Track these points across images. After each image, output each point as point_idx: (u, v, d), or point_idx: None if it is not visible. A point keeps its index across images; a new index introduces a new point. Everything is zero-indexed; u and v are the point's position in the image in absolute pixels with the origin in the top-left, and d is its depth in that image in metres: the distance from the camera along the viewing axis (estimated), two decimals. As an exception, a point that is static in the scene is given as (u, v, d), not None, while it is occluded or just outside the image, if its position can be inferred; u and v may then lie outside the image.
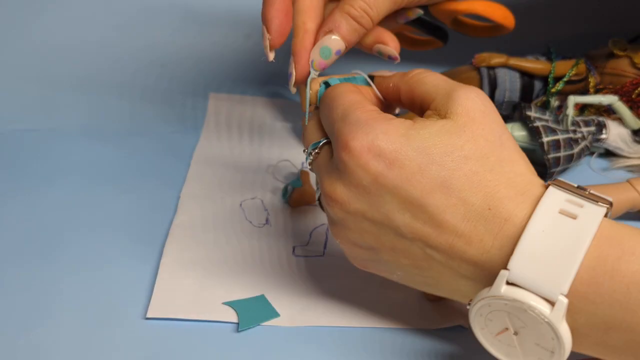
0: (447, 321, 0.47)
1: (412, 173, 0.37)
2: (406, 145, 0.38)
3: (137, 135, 0.71)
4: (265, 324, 0.47)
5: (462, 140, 0.38)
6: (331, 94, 0.43)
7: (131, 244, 0.55)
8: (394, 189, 0.38)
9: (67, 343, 0.45)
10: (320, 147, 0.43)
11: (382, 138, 0.38)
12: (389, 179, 0.38)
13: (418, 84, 0.42)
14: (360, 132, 0.38)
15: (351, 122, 0.39)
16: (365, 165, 0.38)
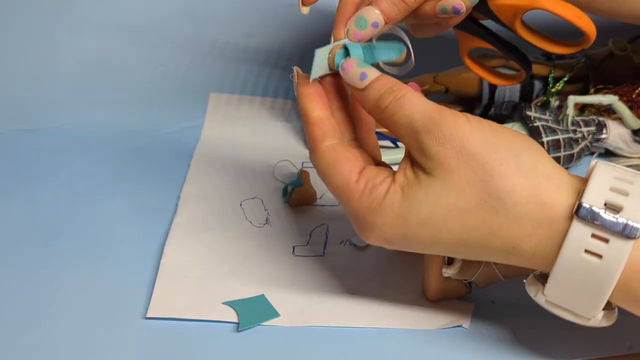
0: (447, 321, 0.47)
1: (430, 241, 0.39)
2: (411, 227, 0.39)
3: (137, 135, 0.71)
4: (265, 324, 0.47)
5: (452, 197, 0.38)
6: (320, 171, 0.43)
7: (131, 244, 0.55)
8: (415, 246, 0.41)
9: (67, 343, 0.45)
10: None
11: (386, 231, 0.40)
12: (411, 245, 0.41)
13: (393, 125, 0.41)
14: (364, 229, 0.41)
15: (351, 215, 0.42)
16: (385, 245, 0.41)
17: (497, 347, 0.46)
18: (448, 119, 0.38)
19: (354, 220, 0.42)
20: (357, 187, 0.40)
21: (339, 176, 0.41)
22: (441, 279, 0.47)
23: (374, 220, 0.40)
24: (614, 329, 0.47)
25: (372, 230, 0.40)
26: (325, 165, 0.42)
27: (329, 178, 0.42)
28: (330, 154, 0.42)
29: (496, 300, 0.49)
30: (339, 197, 0.42)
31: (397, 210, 0.39)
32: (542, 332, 0.47)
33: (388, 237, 0.40)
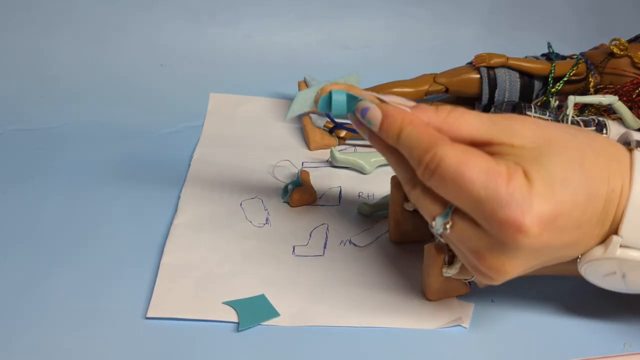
0: (447, 321, 0.47)
1: (571, 210, 0.38)
2: (555, 195, 0.38)
3: (137, 135, 0.71)
4: (265, 323, 0.47)
5: (565, 154, 0.39)
6: (451, 168, 0.38)
7: (131, 244, 0.55)
8: (562, 235, 0.39)
9: (67, 343, 0.45)
10: (451, 216, 0.40)
11: (541, 205, 0.37)
12: (557, 232, 0.38)
13: (462, 124, 0.40)
14: (524, 213, 0.37)
15: (505, 202, 0.37)
16: (539, 237, 0.37)
17: (496, 346, 0.46)
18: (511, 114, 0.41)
19: (506, 208, 0.37)
20: (502, 168, 0.38)
21: (480, 160, 0.38)
22: (441, 279, 0.47)
23: (531, 196, 0.37)
24: (610, 329, 0.47)
25: (531, 207, 0.37)
26: (461, 152, 0.38)
27: (469, 164, 0.38)
28: (459, 145, 0.39)
29: (496, 300, 0.49)
30: (483, 184, 0.37)
31: (541, 181, 0.37)
32: (541, 331, 0.47)
33: (545, 214, 0.37)
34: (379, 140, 0.43)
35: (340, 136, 0.70)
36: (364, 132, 0.44)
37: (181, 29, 0.79)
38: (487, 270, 0.40)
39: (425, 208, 0.41)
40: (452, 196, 0.39)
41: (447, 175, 0.38)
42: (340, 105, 0.44)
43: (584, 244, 0.41)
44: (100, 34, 0.78)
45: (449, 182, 0.38)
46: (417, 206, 0.42)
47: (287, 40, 0.81)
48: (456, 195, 0.38)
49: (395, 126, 0.41)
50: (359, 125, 0.44)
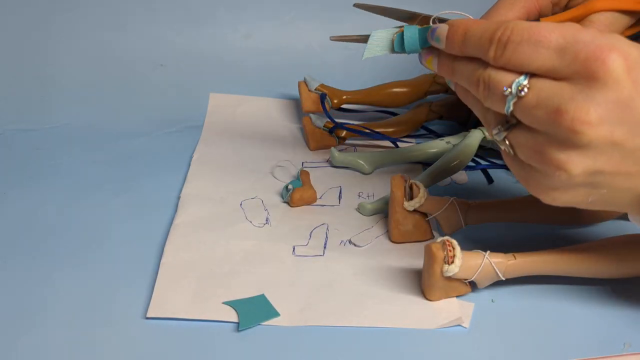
0: (447, 320, 0.47)
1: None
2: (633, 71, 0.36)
3: (137, 135, 0.71)
4: (265, 323, 0.47)
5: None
6: (525, 32, 0.37)
7: (131, 244, 0.55)
8: (632, 141, 0.37)
9: (67, 343, 0.45)
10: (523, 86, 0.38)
11: (627, 46, 0.36)
12: (627, 131, 0.36)
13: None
14: (608, 47, 0.36)
15: (587, 40, 0.36)
16: (624, 84, 0.36)
17: (496, 346, 0.46)
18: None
19: (591, 43, 0.36)
20: (575, 24, 0.37)
21: (551, 22, 0.38)
22: (441, 278, 0.47)
23: (612, 38, 0.36)
24: (610, 329, 0.47)
25: (613, 45, 0.36)
26: (530, 22, 0.38)
27: (541, 24, 0.37)
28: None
29: (496, 300, 0.49)
30: (561, 32, 0.37)
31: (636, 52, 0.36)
32: (541, 331, 0.47)
33: (632, 55, 0.35)
34: (447, 63, 0.42)
35: (340, 136, 0.70)
36: (434, 65, 0.43)
37: (181, 29, 0.79)
38: (550, 170, 0.38)
39: (494, 84, 0.39)
40: (529, 59, 0.38)
41: (521, 39, 0.37)
42: (413, 40, 0.44)
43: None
44: (100, 34, 0.78)
45: (524, 45, 0.37)
46: (485, 86, 0.40)
47: (287, 41, 0.81)
48: (533, 54, 0.37)
49: (461, 29, 0.40)
50: (429, 55, 0.44)
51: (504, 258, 0.47)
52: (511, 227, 0.56)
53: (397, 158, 0.66)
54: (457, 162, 0.60)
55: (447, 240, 0.47)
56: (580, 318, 0.48)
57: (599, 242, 0.49)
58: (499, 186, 0.63)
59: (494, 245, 0.48)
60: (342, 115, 0.74)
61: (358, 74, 0.78)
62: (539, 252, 0.48)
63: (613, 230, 0.54)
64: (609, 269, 0.48)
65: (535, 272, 0.48)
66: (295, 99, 0.77)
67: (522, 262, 0.48)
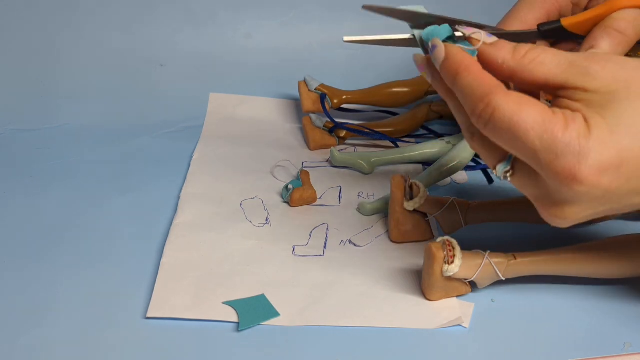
0: (447, 320, 0.47)
1: (638, 159, 0.36)
2: (619, 142, 0.36)
3: (137, 135, 0.71)
4: (265, 323, 0.47)
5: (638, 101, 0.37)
6: (505, 118, 0.37)
7: (131, 244, 0.55)
8: (630, 183, 0.37)
9: (67, 343, 0.45)
10: (511, 164, 0.40)
11: (602, 153, 0.36)
12: (622, 179, 0.37)
13: (536, 66, 0.39)
14: (580, 162, 0.36)
15: (560, 152, 0.36)
16: (598, 185, 0.36)
17: (496, 346, 0.46)
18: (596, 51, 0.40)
19: (562, 157, 0.36)
20: (557, 118, 0.36)
21: (535, 110, 0.37)
22: (441, 278, 0.47)
23: (588, 145, 0.36)
24: (610, 329, 0.47)
25: (588, 156, 0.36)
26: (514, 103, 0.37)
27: (522, 115, 0.37)
28: (514, 94, 0.38)
29: (496, 300, 0.49)
30: (538, 133, 0.36)
31: (606, 128, 0.36)
32: (541, 331, 0.47)
33: (605, 162, 0.36)
34: (442, 83, 0.42)
35: (340, 136, 0.70)
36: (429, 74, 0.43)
37: (181, 29, 0.79)
38: (549, 217, 0.40)
39: (486, 156, 0.41)
40: (508, 146, 0.38)
41: (501, 126, 0.37)
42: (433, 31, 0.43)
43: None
44: (100, 34, 0.78)
45: (503, 133, 0.37)
46: (478, 153, 0.42)
47: (287, 41, 0.81)
48: (512, 145, 0.38)
49: (453, 70, 0.40)
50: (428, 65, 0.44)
51: (504, 258, 0.47)
52: (511, 227, 0.56)
53: (397, 158, 0.66)
54: (457, 162, 0.60)
55: (447, 240, 0.47)
56: (581, 318, 0.48)
57: (599, 242, 0.49)
58: (499, 186, 0.63)
59: (494, 245, 0.48)
60: (342, 115, 0.74)
61: (358, 74, 0.78)
62: (539, 252, 0.48)
63: (613, 230, 0.54)
64: (609, 269, 0.48)
65: (535, 272, 0.48)
66: (295, 99, 0.77)
67: (522, 262, 0.47)
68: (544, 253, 0.48)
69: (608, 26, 0.45)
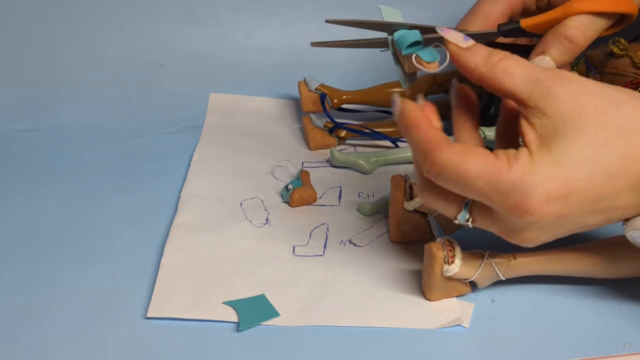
0: (447, 320, 0.47)
1: (586, 189, 0.39)
2: (565, 173, 0.38)
3: (137, 135, 0.71)
4: (265, 323, 0.47)
5: (592, 131, 0.38)
6: (452, 172, 0.39)
7: (131, 244, 0.55)
8: (580, 208, 0.39)
9: (67, 343, 0.45)
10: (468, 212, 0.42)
11: (547, 186, 0.38)
12: (572, 206, 0.39)
13: (505, 76, 0.40)
14: (528, 197, 0.38)
15: (508, 191, 0.38)
16: (549, 214, 0.39)
17: (497, 346, 0.46)
18: (562, 70, 0.41)
19: (510, 196, 0.38)
20: (501, 161, 0.39)
21: (478, 160, 0.39)
22: (441, 278, 0.47)
23: (533, 180, 0.38)
24: (610, 329, 0.47)
25: (535, 190, 0.38)
26: (458, 156, 0.39)
27: (466, 166, 0.39)
28: (457, 146, 0.40)
29: (496, 300, 0.49)
30: (484, 179, 0.39)
31: (551, 160, 0.38)
32: (541, 331, 0.47)
33: (551, 193, 0.38)
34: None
35: (340, 136, 0.70)
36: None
37: (181, 29, 0.79)
38: (517, 244, 0.42)
39: (443, 209, 0.43)
40: (462, 193, 0.40)
41: (450, 179, 0.40)
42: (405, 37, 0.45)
43: (617, 212, 0.40)
44: (100, 34, 0.78)
45: (454, 184, 0.40)
46: (435, 208, 0.43)
47: (287, 40, 0.81)
48: (465, 192, 0.40)
49: (405, 125, 0.42)
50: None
51: (504, 258, 0.47)
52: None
53: (397, 158, 0.66)
54: (457, 162, 0.60)
55: (447, 240, 0.47)
56: (581, 318, 0.48)
57: (599, 242, 0.49)
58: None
59: (494, 245, 0.48)
60: (342, 115, 0.74)
61: (358, 74, 0.78)
62: (539, 252, 0.48)
63: (613, 230, 0.54)
64: (609, 269, 0.48)
65: (535, 272, 0.48)
66: (295, 99, 0.77)
67: (522, 262, 0.48)
68: (544, 253, 0.48)
69: (560, 33, 0.47)
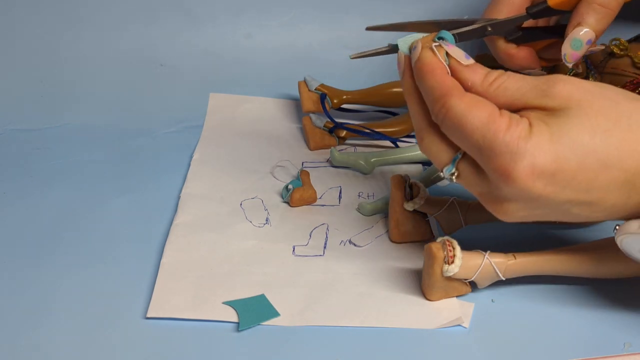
0: (447, 320, 0.47)
1: (576, 172, 0.39)
2: (557, 151, 0.38)
3: (137, 135, 0.71)
4: (265, 323, 0.47)
5: (592, 119, 0.39)
6: (455, 118, 0.40)
7: (131, 244, 0.55)
8: (566, 191, 0.39)
9: (67, 343, 0.45)
10: (457, 163, 0.43)
11: (537, 157, 0.38)
12: (557, 186, 0.39)
13: (500, 92, 0.41)
14: (515, 161, 0.38)
15: (498, 151, 0.39)
16: (531, 187, 0.39)
17: (496, 346, 0.46)
18: (557, 74, 0.41)
19: (499, 156, 0.39)
20: (503, 119, 0.39)
21: (482, 112, 0.40)
22: (441, 278, 0.47)
23: (525, 146, 0.38)
24: (610, 329, 0.47)
25: (523, 157, 0.38)
26: (466, 104, 0.40)
27: (470, 115, 0.40)
28: (468, 96, 0.41)
29: (496, 300, 0.49)
30: (481, 132, 0.39)
31: (547, 135, 0.38)
32: (541, 331, 0.47)
33: (538, 166, 0.38)
34: (407, 82, 0.45)
35: (340, 136, 0.70)
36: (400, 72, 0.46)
37: (181, 29, 0.79)
38: (492, 212, 0.42)
39: (433, 158, 0.44)
40: (458, 142, 0.41)
41: (453, 124, 0.41)
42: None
43: (603, 208, 0.40)
44: (100, 34, 0.78)
45: (455, 132, 0.41)
46: (427, 156, 0.44)
47: (287, 40, 0.81)
48: (461, 141, 0.41)
49: (421, 70, 0.43)
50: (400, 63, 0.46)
51: (504, 258, 0.47)
52: (511, 227, 0.56)
53: (397, 158, 0.66)
54: (457, 162, 0.60)
55: (447, 240, 0.47)
56: (581, 318, 0.48)
57: (599, 242, 0.49)
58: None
59: (494, 245, 0.48)
60: (342, 115, 0.74)
61: (358, 74, 0.78)
62: (539, 252, 0.48)
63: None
64: (608, 269, 0.48)
65: (535, 272, 0.48)
66: (295, 99, 0.77)
67: (522, 262, 0.48)
68: (544, 253, 0.48)
69: (593, 1, 0.48)
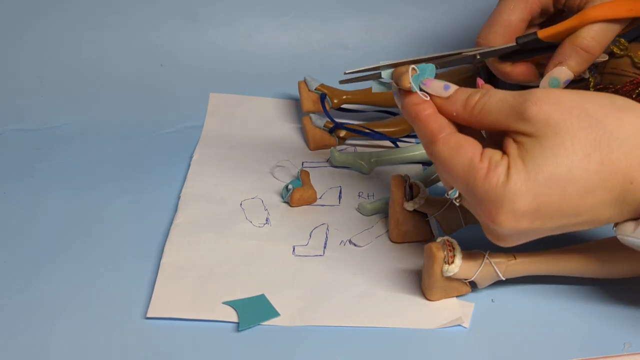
0: (447, 320, 0.47)
1: (559, 204, 0.39)
2: (535, 190, 0.39)
3: (137, 135, 0.71)
4: (265, 323, 0.47)
5: (568, 147, 0.39)
6: (442, 165, 0.42)
7: (131, 244, 0.55)
8: (554, 220, 0.40)
9: (67, 343, 0.45)
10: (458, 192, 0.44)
11: (516, 202, 0.39)
12: (543, 219, 0.40)
13: (484, 114, 0.42)
14: (496, 208, 0.40)
15: (480, 198, 0.40)
16: (517, 227, 0.40)
17: (496, 346, 0.46)
18: (537, 90, 0.41)
19: (481, 202, 0.40)
20: (482, 165, 0.40)
21: (463, 158, 0.41)
22: (441, 278, 0.47)
23: (503, 193, 0.39)
24: (610, 329, 0.47)
25: (503, 204, 0.39)
26: (449, 150, 0.42)
27: (453, 162, 0.41)
28: (452, 140, 0.42)
29: (496, 300, 0.49)
30: (464, 179, 0.41)
31: (523, 176, 0.39)
32: (541, 331, 0.47)
33: (519, 209, 0.39)
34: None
35: (340, 136, 0.70)
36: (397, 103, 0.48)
37: (181, 29, 0.79)
38: (494, 242, 0.43)
39: (443, 180, 0.45)
40: (450, 183, 0.43)
41: (441, 169, 0.43)
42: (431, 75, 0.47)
43: (599, 222, 0.41)
44: (100, 34, 0.78)
45: (444, 174, 0.43)
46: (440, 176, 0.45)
47: (287, 40, 0.81)
48: (452, 183, 0.43)
49: (410, 116, 0.45)
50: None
51: (504, 258, 0.47)
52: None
53: (397, 158, 0.66)
54: (457, 162, 0.60)
55: (447, 240, 0.47)
56: (581, 318, 0.48)
57: (599, 242, 0.49)
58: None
59: (494, 245, 0.48)
60: (342, 115, 0.74)
61: (358, 74, 0.78)
62: (539, 252, 0.48)
63: (613, 231, 0.54)
64: (609, 269, 0.48)
65: (535, 272, 0.48)
66: (295, 99, 0.77)
67: (522, 262, 0.48)
68: (544, 253, 0.48)
69: (577, 45, 0.50)
